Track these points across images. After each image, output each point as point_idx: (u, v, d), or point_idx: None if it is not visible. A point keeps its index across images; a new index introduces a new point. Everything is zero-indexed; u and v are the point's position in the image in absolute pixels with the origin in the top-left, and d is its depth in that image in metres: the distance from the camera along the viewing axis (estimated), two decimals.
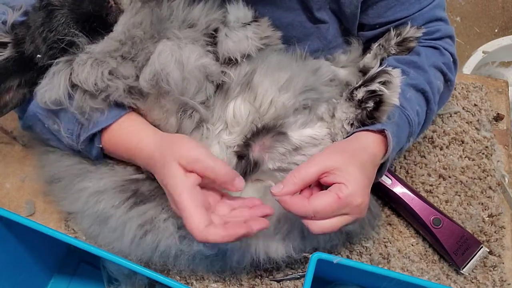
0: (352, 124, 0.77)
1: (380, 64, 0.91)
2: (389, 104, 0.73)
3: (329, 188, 0.69)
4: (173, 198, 0.68)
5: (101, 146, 0.78)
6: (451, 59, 0.91)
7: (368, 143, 0.75)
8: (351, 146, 0.75)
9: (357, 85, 0.76)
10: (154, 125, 0.79)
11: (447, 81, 0.90)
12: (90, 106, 0.74)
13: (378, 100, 0.74)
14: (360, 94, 0.74)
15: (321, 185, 0.72)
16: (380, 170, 0.79)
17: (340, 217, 0.69)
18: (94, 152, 0.79)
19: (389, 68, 0.74)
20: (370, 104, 0.74)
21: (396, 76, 0.73)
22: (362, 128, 0.77)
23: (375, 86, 0.73)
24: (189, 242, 0.79)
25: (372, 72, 0.75)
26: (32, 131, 0.84)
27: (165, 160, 0.70)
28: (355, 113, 0.76)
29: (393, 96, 0.73)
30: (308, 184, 0.71)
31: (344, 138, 0.79)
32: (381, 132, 0.76)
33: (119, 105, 0.77)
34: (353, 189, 0.68)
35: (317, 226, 0.69)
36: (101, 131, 0.76)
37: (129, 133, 0.76)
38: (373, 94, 0.73)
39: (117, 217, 0.78)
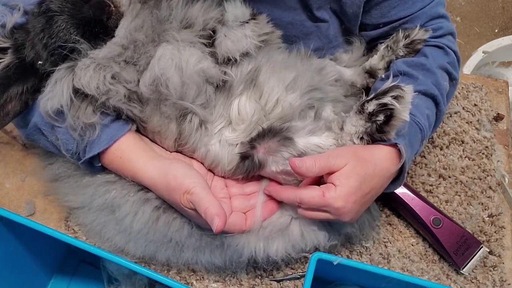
0: (361, 138, 0.77)
1: (388, 67, 0.91)
2: (399, 119, 0.74)
3: (322, 185, 0.75)
4: None
5: (100, 165, 0.79)
6: (455, 57, 0.92)
7: (381, 157, 0.77)
8: (365, 154, 0.77)
9: (368, 98, 0.76)
10: (154, 133, 0.80)
11: (453, 80, 0.91)
12: (83, 122, 0.74)
13: (389, 114, 0.74)
14: (371, 107, 0.75)
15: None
16: (397, 180, 0.81)
17: (322, 212, 0.76)
18: (97, 169, 0.81)
19: (402, 84, 0.74)
20: (381, 117, 0.74)
21: (408, 92, 0.73)
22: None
23: (387, 99, 0.73)
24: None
25: (385, 86, 0.75)
26: (36, 143, 0.84)
27: (175, 203, 0.75)
28: (365, 126, 0.76)
29: (404, 112, 0.73)
30: (323, 173, 0.75)
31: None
32: (394, 145, 0.77)
33: (113, 125, 0.77)
34: (339, 193, 0.73)
35: (301, 210, 0.77)
36: (98, 154, 0.77)
37: (124, 162, 0.77)
38: (384, 107, 0.73)
39: (131, 203, 0.79)
